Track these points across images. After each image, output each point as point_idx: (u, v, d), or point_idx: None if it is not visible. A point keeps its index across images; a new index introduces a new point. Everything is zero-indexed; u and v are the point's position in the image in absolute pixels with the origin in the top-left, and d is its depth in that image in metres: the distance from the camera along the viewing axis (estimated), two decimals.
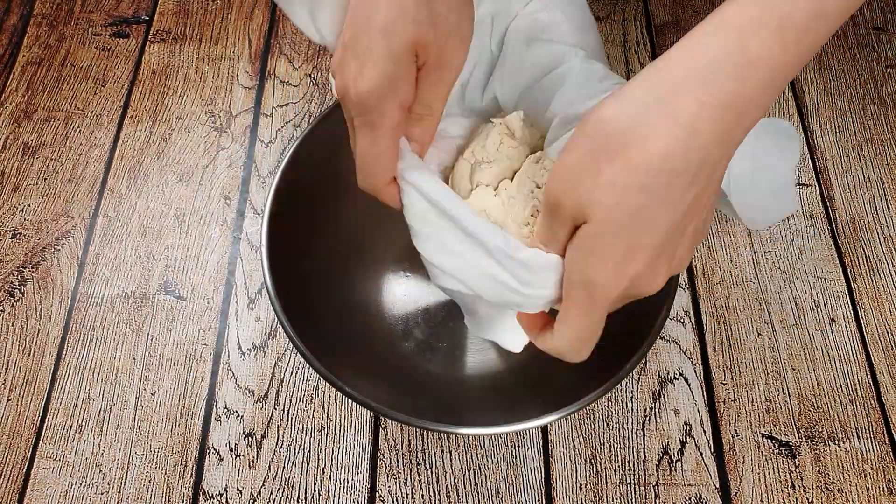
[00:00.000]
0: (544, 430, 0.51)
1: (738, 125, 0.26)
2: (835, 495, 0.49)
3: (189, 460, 0.49)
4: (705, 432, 0.51)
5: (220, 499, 0.48)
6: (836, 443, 0.50)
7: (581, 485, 0.49)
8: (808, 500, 0.49)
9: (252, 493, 0.48)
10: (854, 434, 0.51)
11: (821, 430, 0.51)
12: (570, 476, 0.49)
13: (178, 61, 0.67)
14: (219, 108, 0.65)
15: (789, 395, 0.52)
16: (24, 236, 0.58)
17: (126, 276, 0.56)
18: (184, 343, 0.54)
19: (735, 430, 0.51)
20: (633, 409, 0.51)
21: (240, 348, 0.53)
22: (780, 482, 0.49)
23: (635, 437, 0.50)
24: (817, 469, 0.49)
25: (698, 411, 0.51)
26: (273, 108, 0.65)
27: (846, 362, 0.53)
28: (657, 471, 0.49)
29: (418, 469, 0.49)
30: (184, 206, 0.60)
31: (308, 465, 0.49)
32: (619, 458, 0.50)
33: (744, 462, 0.50)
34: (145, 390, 0.52)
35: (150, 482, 0.49)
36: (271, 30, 0.69)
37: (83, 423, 0.51)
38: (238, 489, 0.49)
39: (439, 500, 0.48)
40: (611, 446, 0.50)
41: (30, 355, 0.53)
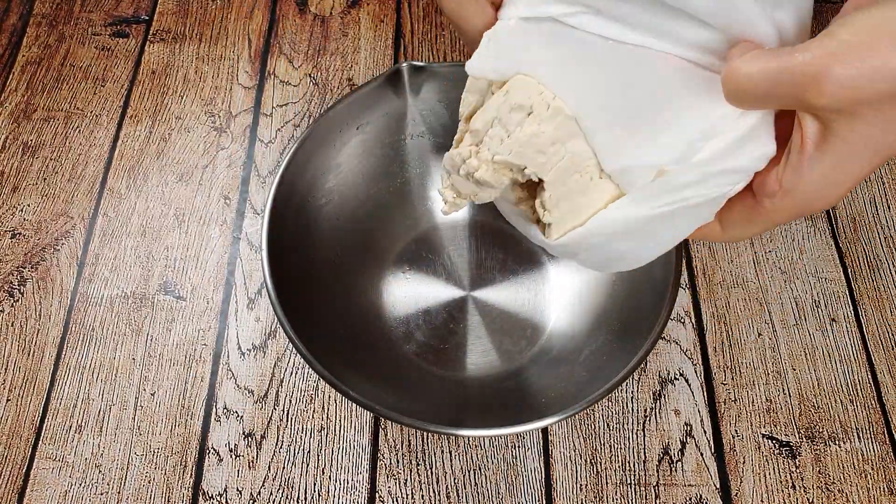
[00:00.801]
0: (544, 430, 0.51)
1: None
2: (835, 495, 0.49)
3: (189, 460, 0.49)
4: (706, 432, 0.51)
5: (219, 499, 0.48)
6: (837, 443, 0.50)
7: (581, 485, 0.49)
8: (808, 500, 0.49)
9: (252, 493, 0.48)
10: (854, 434, 0.51)
11: (821, 430, 0.51)
12: (570, 476, 0.49)
13: (178, 61, 0.67)
14: (218, 107, 0.65)
15: (790, 395, 0.52)
16: (24, 236, 0.58)
17: (126, 276, 0.56)
18: (183, 343, 0.54)
19: (735, 431, 0.51)
20: (633, 410, 0.51)
21: (239, 348, 0.53)
22: (781, 482, 0.49)
23: (635, 437, 0.50)
24: (818, 469, 0.49)
25: (699, 411, 0.51)
26: (273, 107, 0.65)
27: (846, 362, 0.53)
28: (657, 471, 0.49)
29: (418, 469, 0.49)
30: (183, 206, 0.60)
31: (308, 465, 0.49)
32: (620, 459, 0.50)
33: (744, 462, 0.50)
34: (145, 390, 0.52)
35: (149, 482, 0.49)
36: (271, 30, 0.69)
37: (83, 424, 0.51)
38: (238, 489, 0.49)
39: (439, 500, 0.48)
40: (611, 447, 0.50)
41: (29, 355, 0.53)
